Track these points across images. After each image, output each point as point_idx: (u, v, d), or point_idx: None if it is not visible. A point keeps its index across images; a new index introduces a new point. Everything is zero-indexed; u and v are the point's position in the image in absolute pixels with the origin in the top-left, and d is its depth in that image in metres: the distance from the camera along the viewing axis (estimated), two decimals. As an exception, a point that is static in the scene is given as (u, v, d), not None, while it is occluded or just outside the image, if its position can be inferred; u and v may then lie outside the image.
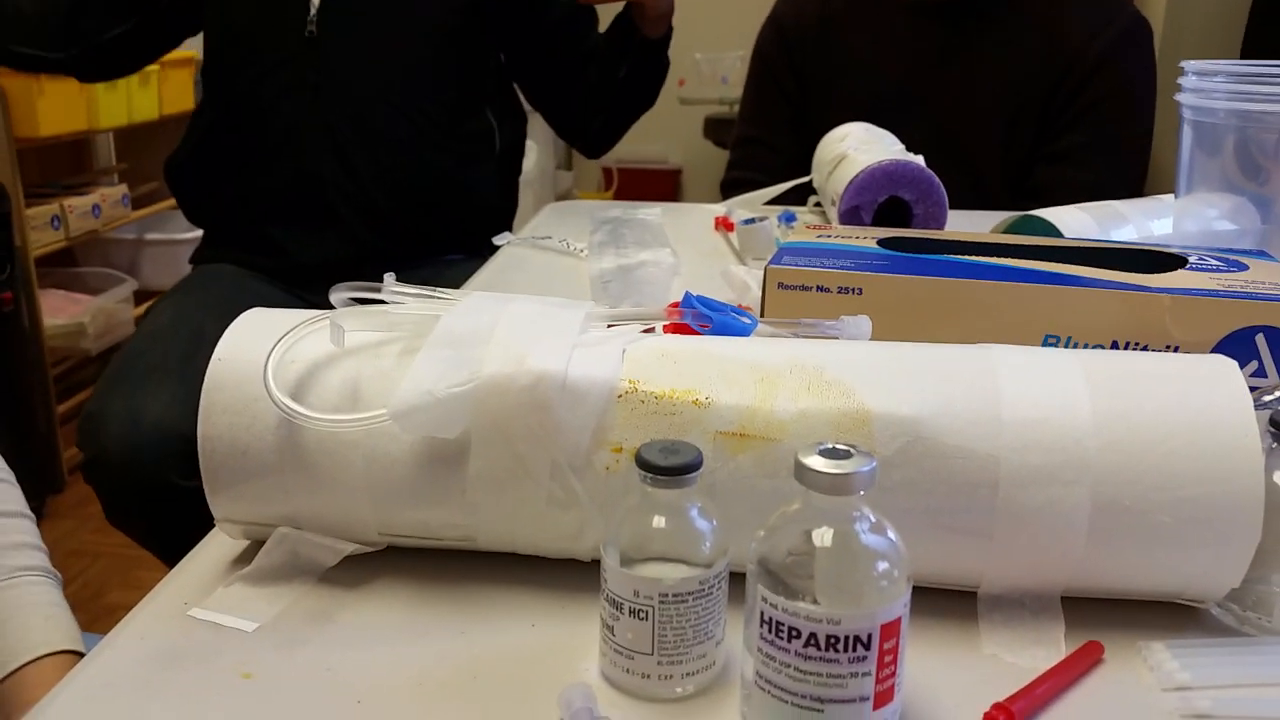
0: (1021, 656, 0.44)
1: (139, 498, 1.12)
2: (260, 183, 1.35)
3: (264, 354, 0.48)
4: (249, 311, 0.52)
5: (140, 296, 2.53)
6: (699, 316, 0.52)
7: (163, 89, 2.44)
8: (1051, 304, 0.60)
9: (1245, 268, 0.63)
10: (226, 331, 0.50)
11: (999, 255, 0.66)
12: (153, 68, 2.39)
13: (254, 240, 1.38)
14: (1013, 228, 0.91)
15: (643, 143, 3.85)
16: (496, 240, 1.15)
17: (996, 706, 0.40)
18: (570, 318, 0.49)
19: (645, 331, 0.51)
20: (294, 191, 1.34)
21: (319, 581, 0.50)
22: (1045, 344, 0.60)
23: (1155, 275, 0.61)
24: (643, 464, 0.40)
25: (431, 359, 0.46)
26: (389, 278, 0.52)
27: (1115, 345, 0.60)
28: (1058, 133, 1.38)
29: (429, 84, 1.36)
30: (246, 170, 1.36)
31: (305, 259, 1.36)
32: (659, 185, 3.84)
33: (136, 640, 0.46)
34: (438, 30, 1.35)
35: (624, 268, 0.97)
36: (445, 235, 1.42)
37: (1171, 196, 0.90)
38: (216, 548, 0.53)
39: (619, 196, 3.48)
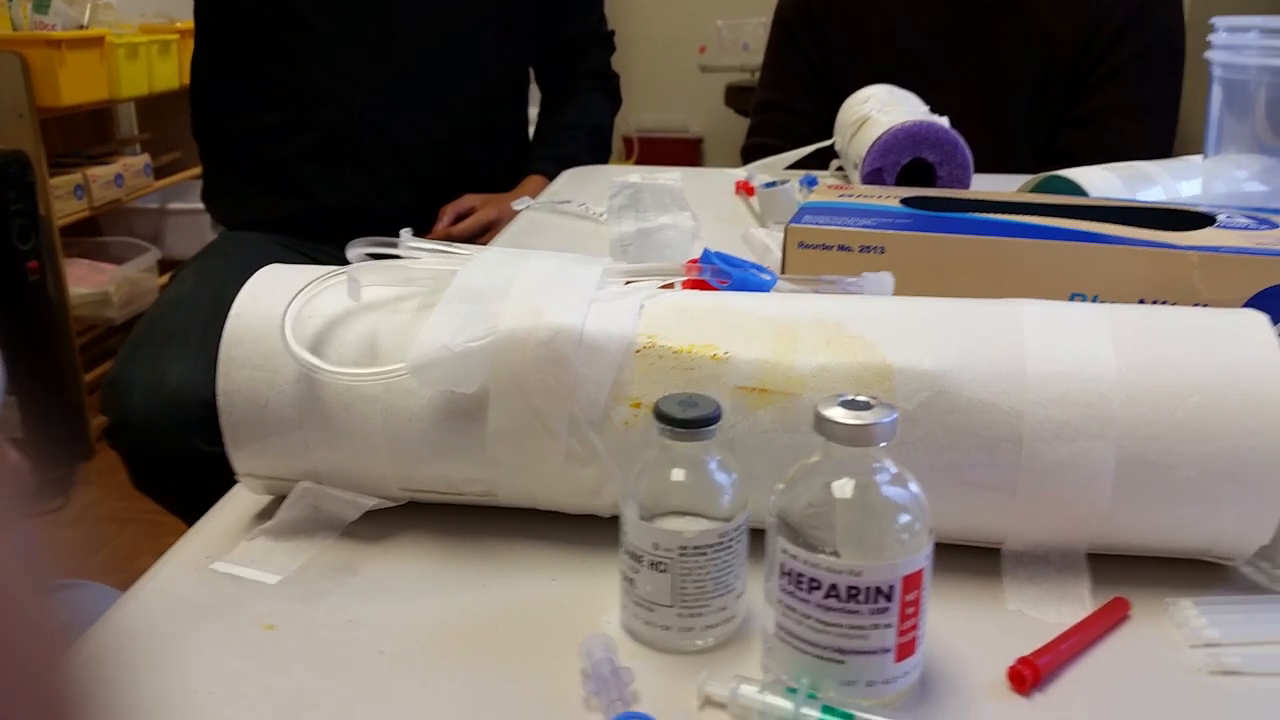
0: (1046, 612, 0.44)
1: (162, 462, 1.13)
2: (300, 120, 1.36)
3: (282, 309, 0.48)
4: (266, 268, 0.52)
5: (164, 266, 2.54)
6: (717, 272, 0.52)
7: (183, 59, 2.43)
8: (1077, 262, 0.59)
9: (1276, 225, 0.62)
10: (244, 287, 0.50)
11: (1024, 213, 0.65)
12: (172, 37, 2.39)
13: (276, 178, 1.39)
14: (1038, 188, 0.90)
15: (663, 111, 3.83)
16: (516, 205, 1.15)
17: (1021, 661, 0.40)
18: (587, 273, 0.49)
19: (664, 288, 0.50)
20: (337, 135, 1.36)
21: (341, 536, 0.50)
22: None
23: (1183, 233, 0.60)
24: (661, 417, 0.40)
25: (448, 313, 0.46)
26: (405, 233, 0.52)
27: (1142, 304, 0.59)
28: (1085, 95, 1.36)
29: (492, 44, 1.41)
30: (285, 106, 1.36)
31: (331, 202, 1.37)
32: (680, 154, 3.81)
33: (159, 593, 0.46)
34: None
35: (643, 231, 0.97)
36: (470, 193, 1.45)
37: (1200, 157, 0.88)
38: (239, 503, 0.54)
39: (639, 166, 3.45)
